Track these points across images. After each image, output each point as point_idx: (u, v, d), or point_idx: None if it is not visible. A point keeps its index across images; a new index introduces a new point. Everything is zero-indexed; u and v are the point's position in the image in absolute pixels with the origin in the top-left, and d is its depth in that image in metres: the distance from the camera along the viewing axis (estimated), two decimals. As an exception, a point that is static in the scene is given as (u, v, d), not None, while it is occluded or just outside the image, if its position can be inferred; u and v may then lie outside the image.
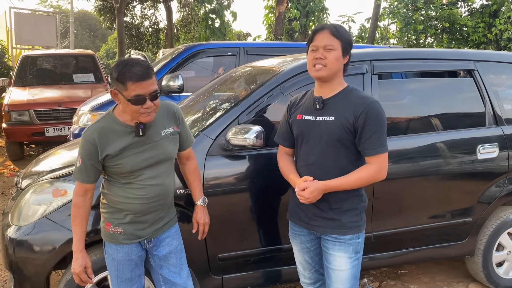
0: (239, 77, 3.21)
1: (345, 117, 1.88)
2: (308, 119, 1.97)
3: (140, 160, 1.87)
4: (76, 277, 1.92)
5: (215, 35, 13.15)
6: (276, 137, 2.19)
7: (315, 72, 1.91)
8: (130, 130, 1.85)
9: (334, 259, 1.98)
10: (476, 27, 12.51)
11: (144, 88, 1.75)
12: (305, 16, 14.97)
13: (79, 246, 1.91)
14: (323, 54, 1.87)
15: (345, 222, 1.95)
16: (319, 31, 1.91)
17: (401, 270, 3.49)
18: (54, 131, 6.84)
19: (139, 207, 1.91)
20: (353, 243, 1.97)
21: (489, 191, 2.88)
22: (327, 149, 1.92)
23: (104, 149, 1.82)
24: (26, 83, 7.94)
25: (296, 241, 2.14)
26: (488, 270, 3.02)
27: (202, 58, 5.50)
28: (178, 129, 2.02)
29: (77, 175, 1.88)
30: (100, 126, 1.85)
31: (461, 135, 2.86)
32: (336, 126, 1.89)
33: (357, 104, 1.89)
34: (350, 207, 1.97)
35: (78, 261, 1.90)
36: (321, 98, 1.94)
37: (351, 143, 1.92)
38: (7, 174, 6.48)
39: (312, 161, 1.96)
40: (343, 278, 1.98)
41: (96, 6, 16.34)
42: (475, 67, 2.95)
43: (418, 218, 2.78)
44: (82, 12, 39.06)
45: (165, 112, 1.98)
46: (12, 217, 2.40)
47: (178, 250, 2.08)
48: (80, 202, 1.90)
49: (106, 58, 33.56)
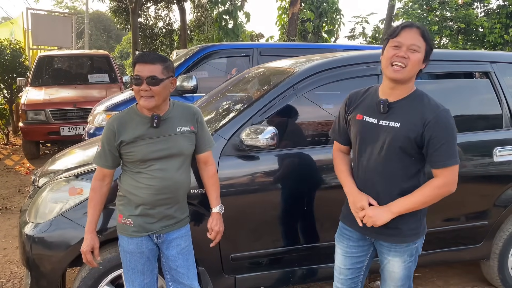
0: (253, 78, 3.21)
1: (412, 124, 1.75)
2: (370, 122, 1.85)
3: (152, 150, 1.96)
4: (84, 256, 2.01)
5: (229, 36, 13.18)
6: (331, 131, 2.10)
7: (393, 73, 1.74)
8: (147, 121, 1.97)
9: (388, 262, 1.94)
10: (493, 28, 12.33)
11: (144, 71, 1.89)
12: (318, 17, 14.93)
13: (89, 228, 2.02)
14: (407, 54, 1.71)
15: (405, 230, 1.85)
16: (408, 27, 1.74)
17: (414, 273, 3.45)
18: (69, 131, 6.94)
19: (147, 197, 1.97)
20: (409, 249, 1.90)
21: (506, 194, 2.84)
22: (388, 156, 1.80)
23: (120, 135, 1.95)
24: (42, 83, 8.06)
25: (342, 244, 2.03)
26: (504, 275, 2.98)
27: (215, 59, 5.52)
28: (195, 129, 2.07)
29: (97, 159, 2.02)
30: (121, 116, 2.02)
31: (477, 137, 2.83)
32: (401, 133, 1.76)
33: (426, 111, 1.75)
34: (412, 214, 1.84)
35: (87, 241, 2.00)
36: (387, 101, 1.80)
37: (415, 152, 1.78)
38: (24, 172, 6.59)
39: (370, 167, 1.85)
40: (395, 278, 1.95)
41: (111, 7, 16.52)
42: (492, 69, 2.91)
43: (432, 221, 2.73)
44: (97, 13, 39.51)
45: (185, 112, 2.07)
46: (30, 214, 2.45)
47: (186, 252, 2.11)
48: (97, 186, 2.02)
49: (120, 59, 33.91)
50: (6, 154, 7.96)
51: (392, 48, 1.74)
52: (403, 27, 1.76)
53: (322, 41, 15.06)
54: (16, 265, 3.55)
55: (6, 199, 5.29)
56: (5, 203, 5.14)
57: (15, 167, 6.98)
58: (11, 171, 6.68)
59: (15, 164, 7.20)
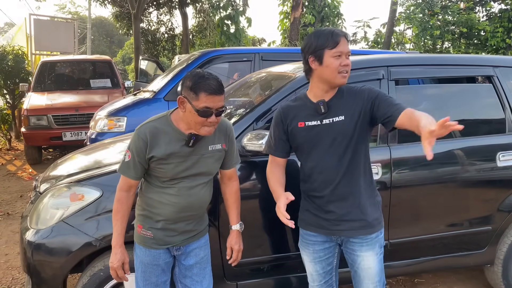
0: (254, 83, 3.21)
1: (356, 110, 1.88)
2: (313, 125, 1.94)
3: (182, 169, 1.88)
4: (113, 272, 1.93)
5: (230, 41, 13.22)
6: (268, 149, 2.11)
7: (342, 79, 1.87)
8: (182, 138, 1.86)
9: (362, 259, 1.99)
10: (495, 32, 12.30)
11: (215, 102, 1.77)
12: (320, 21, 14.97)
13: (118, 241, 1.92)
14: (347, 61, 1.86)
15: (371, 220, 1.96)
16: (342, 37, 1.86)
17: (418, 279, 3.44)
18: (72, 136, 6.95)
19: (169, 213, 1.92)
20: (378, 240, 2.00)
21: (509, 199, 2.82)
22: (340, 149, 1.90)
23: (153, 149, 1.84)
24: (44, 88, 8.10)
25: (308, 250, 2.09)
26: (508, 280, 2.95)
27: (217, 64, 5.52)
28: (226, 147, 2.01)
29: (125, 169, 1.89)
30: (154, 126, 1.87)
31: (480, 142, 2.81)
32: (348, 124, 1.88)
33: (357, 94, 1.91)
34: (372, 204, 1.98)
35: (117, 256, 1.91)
36: (325, 101, 1.91)
37: (367, 136, 1.94)
38: (26, 178, 6.59)
39: (326, 166, 1.93)
40: (372, 275, 2.00)
41: (113, 13, 16.60)
42: (495, 73, 2.90)
43: (435, 226, 2.74)
44: (99, 19, 39.70)
45: (218, 127, 1.94)
46: (31, 220, 2.44)
47: (204, 261, 2.08)
48: (123, 197, 1.91)
49: (122, 64, 34.02)
50: (8, 160, 7.97)
51: (335, 58, 1.85)
52: (338, 37, 1.85)
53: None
54: (18, 271, 3.54)
55: (8, 205, 5.29)
56: (7, 208, 5.14)
57: (17, 172, 6.99)
58: (13, 177, 6.69)
59: (17, 169, 7.21)
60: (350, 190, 1.94)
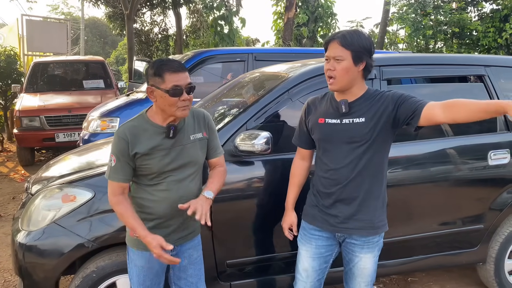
0: (248, 83, 3.21)
1: (377, 113, 1.87)
2: (333, 123, 1.95)
3: (167, 162, 1.87)
4: (157, 253, 1.78)
5: (224, 41, 13.22)
6: (294, 139, 2.18)
7: (329, 86, 1.93)
8: (161, 131, 1.87)
9: (359, 260, 2.01)
10: (486, 32, 12.38)
11: (181, 79, 1.80)
12: (313, 21, 14.99)
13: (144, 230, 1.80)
14: (333, 65, 1.87)
15: (376, 222, 1.97)
16: (331, 41, 1.89)
17: (411, 278, 3.45)
18: (64, 137, 6.91)
19: (163, 210, 1.90)
20: (378, 243, 2.02)
21: (501, 197, 2.84)
22: (357, 151, 1.90)
23: (134, 147, 1.83)
24: (37, 89, 8.04)
25: (310, 245, 2.07)
26: (500, 278, 2.97)
27: (211, 64, 5.53)
28: (207, 135, 2.02)
29: (113, 174, 1.85)
30: (132, 125, 1.88)
31: (471, 141, 2.83)
32: (368, 126, 1.88)
33: (381, 97, 1.90)
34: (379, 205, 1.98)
35: (154, 241, 1.77)
36: (347, 101, 1.91)
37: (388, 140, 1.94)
38: (18, 180, 6.54)
39: (342, 165, 1.93)
40: (366, 274, 2.04)
41: (106, 13, 16.49)
42: (486, 72, 2.92)
43: (428, 225, 2.75)
44: (93, 19, 39.47)
45: (195, 117, 1.99)
46: (22, 222, 2.42)
47: (198, 262, 2.08)
48: (122, 199, 1.86)
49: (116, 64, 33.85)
50: (0, 161, 7.90)
51: (325, 63, 1.91)
52: (327, 42, 1.90)
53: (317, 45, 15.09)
54: (10, 273, 3.51)
55: (0, 207, 5.25)
56: (-1, 210, 5.10)
57: (10, 174, 6.93)
58: (6, 178, 6.63)
59: (10, 171, 7.15)
60: (360, 191, 1.94)
